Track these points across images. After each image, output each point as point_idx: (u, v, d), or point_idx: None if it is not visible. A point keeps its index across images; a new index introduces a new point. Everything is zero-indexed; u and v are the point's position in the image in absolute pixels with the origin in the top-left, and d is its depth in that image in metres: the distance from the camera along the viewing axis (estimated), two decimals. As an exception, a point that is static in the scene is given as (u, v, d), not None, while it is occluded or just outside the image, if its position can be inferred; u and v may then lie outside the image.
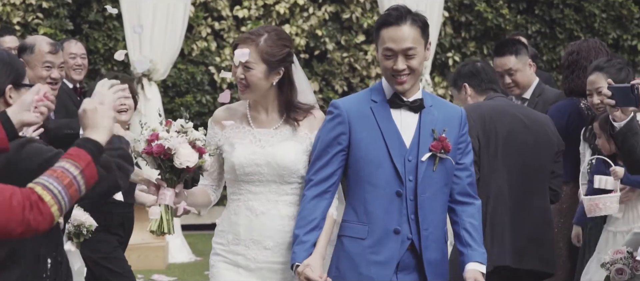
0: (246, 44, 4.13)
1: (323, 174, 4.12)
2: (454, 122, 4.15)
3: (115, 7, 10.99)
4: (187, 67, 11.64)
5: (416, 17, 4.04)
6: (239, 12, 11.79)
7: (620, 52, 12.14)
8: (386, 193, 4.06)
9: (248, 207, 4.18)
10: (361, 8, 11.99)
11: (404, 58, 4.01)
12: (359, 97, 4.21)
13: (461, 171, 4.18)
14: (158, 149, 3.95)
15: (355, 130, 4.09)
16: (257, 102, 4.24)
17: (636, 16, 12.30)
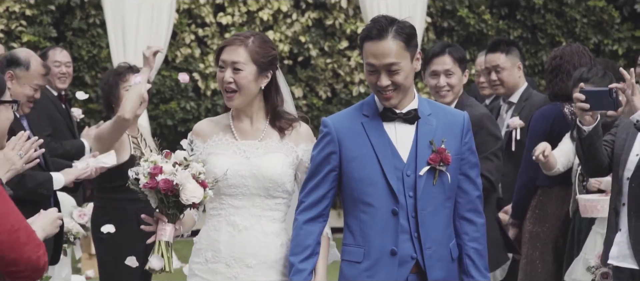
0: (234, 45, 3.99)
1: (315, 197, 3.91)
2: (456, 129, 3.90)
3: (99, 15, 11.02)
4: (171, 74, 11.65)
5: (400, 29, 3.80)
6: (222, 19, 11.82)
7: (601, 57, 12.22)
8: (381, 213, 3.83)
9: (230, 222, 3.97)
10: (344, 14, 12.04)
11: (387, 74, 3.79)
12: (349, 113, 3.98)
13: (468, 183, 3.94)
14: (166, 185, 3.71)
15: (346, 148, 3.87)
16: (240, 112, 4.06)
17: (617, 21, 12.40)
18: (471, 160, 3.93)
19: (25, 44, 11.04)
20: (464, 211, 3.93)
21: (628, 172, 4.40)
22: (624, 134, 4.48)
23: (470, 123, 3.96)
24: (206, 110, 11.82)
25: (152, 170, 3.73)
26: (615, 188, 4.47)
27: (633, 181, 4.36)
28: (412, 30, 3.83)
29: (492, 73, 6.58)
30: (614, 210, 4.45)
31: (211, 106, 11.83)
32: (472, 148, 3.94)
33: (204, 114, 11.80)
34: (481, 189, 3.98)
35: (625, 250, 4.41)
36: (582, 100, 4.31)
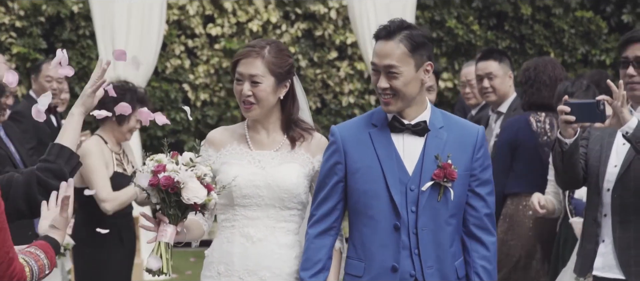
0: (251, 57, 3.87)
1: (324, 209, 3.81)
2: (467, 144, 3.76)
3: (89, 26, 11.04)
4: (161, 85, 11.67)
5: (409, 35, 3.69)
6: (212, 30, 11.86)
7: (589, 67, 12.29)
8: (383, 227, 3.72)
9: (243, 234, 3.87)
10: (333, 25, 12.08)
11: (386, 76, 3.70)
12: (358, 121, 3.87)
13: (477, 200, 3.80)
14: (166, 181, 3.64)
15: (351, 159, 3.77)
16: (257, 122, 3.96)
17: (604, 32, 12.46)
18: (482, 177, 3.80)
19: (15, 56, 11.06)
20: (473, 228, 3.80)
21: (608, 183, 4.41)
22: (597, 146, 4.50)
23: (484, 139, 3.83)
24: (196, 121, 11.84)
25: (155, 168, 3.67)
26: (594, 200, 4.48)
27: (615, 192, 4.38)
28: (423, 40, 3.72)
29: (485, 80, 6.58)
30: (593, 221, 4.46)
31: (201, 117, 11.86)
32: (484, 165, 3.80)
33: (194, 125, 11.82)
34: (493, 207, 3.84)
35: (611, 260, 4.42)
36: (567, 112, 4.27)
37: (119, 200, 5.75)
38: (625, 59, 4.42)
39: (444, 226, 3.73)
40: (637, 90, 4.39)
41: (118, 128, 5.94)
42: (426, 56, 3.72)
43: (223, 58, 11.87)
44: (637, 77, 4.38)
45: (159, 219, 3.74)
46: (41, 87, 7.77)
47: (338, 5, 11.95)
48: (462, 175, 3.72)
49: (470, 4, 12.35)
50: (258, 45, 3.91)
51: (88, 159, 5.72)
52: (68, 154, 3.50)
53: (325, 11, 11.98)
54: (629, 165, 4.35)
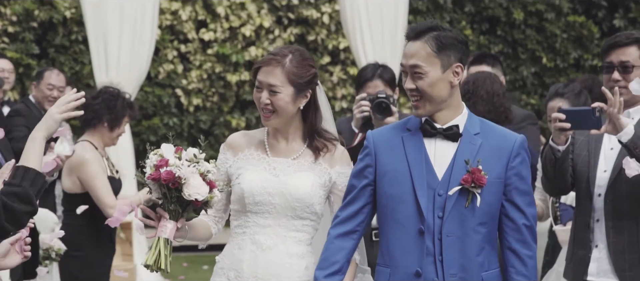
0: (271, 66, 3.78)
1: (349, 211, 3.73)
2: (502, 152, 3.64)
3: (81, 31, 11.04)
4: (153, 90, 11.67)
5: (437, 36, 3.61)
6: (204, 35, 11.86)
7: (581, 71, 12.32)
8: (408, 231, 3.63)
9: (254, 241, 3.79)
10: (326, 30, 12.10)
11: (411, 77, 3.63)
12: (394, 126, 3.80)
13: (514, 211, 3.67)
14: (167, 176, 3.56)
15: (381, 162, 3.69)
16: (277, 131, 3.88)
17: (596, 37, 12.50)
18: (519, 187, 3.66)
19: (7, 61, 11.05)
20: (510, 241, 3.67)
21: (599, 189, 4.41)
22: (584, 151, 4.50)
23: (523, 147, 3.69)
24: (189, 126, 11.85)
25: (158, 162, 3.59)
26: (585, 205, 4.47)
27: (607, 198, 4.38)
28: (452, 41, 3.63)
29: None
30: (585, 227, 4.46)
31: (194, 122, 11.86)
32: (522, 174, 3.67)
33: (187, 130, 11.82)
34: (532, 219, 3.69)
35: (606, 265, 4.41)
36: (562, 119, 4.25)
37: (126, 211, 5.76)
38: (609, 64, 4.42)
39: (471, 234, 3.61)
40: (623, 94, 4.40)
41: (109, 134, 5.97)
42: (455, 58, 3.62)
43: (216, 63, 11.87)
44: (622, 82, 4.38)
45: (159, 214, 3.67)
46: (42, 94, 7.78)
47: (331, 10, 11.97)
48: (493, 182, 3.60)
49: (462, 8, 12.38)
50: (280, 54, 3.81)
51: (88, 166, 5.75)
52: (33, 176, 3.39)
53: (317, 16, 12.00)
54: (620, 170, 4.35)
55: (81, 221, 5.82)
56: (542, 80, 12.45)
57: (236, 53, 11.83)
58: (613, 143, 4.40)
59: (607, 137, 4.42)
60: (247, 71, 11.89)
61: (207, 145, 12.40)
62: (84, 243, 5.79)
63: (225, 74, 11.87)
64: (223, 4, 11.84)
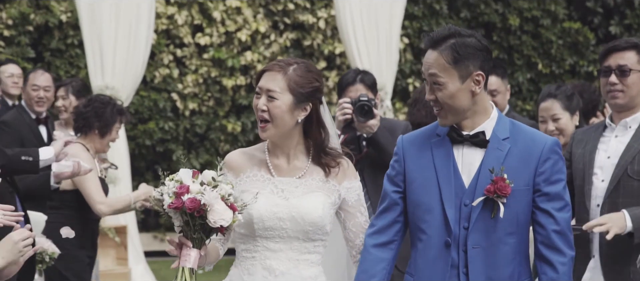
0: (273, 71, 3.65)
1: (385, 221, 3.60)
2: (531, 157, 3.48)
3: (77, 35, 11.03)
4: (149, 94, 11.66)
5: (454, 45, 3.46)
6: (200, 39, 11.86)
7: (577, 77, 12.34)
8: (435, 243, 3.49)
9: (265, 266, 3.63)
10: (322, 35, 12.10)
11: (431, 87, 3.49)
12: (425, 130, 3.65)
13: (544, 216, 3.50)
14: (192, 205, 3.39)
15: (410, 169, 3.56)
16: (276, 147, 3.71)
17: (592, 43, 12.51)
18: (549, 192, 3.49)
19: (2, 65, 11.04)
20: (541, 248, 3.51)
21: (597, 199, 4.42)
22: (580, 165, 4.51)
23: (553, 151, 3.52)
24: (185, 130, 11.84)
25: (178, 189, 3.43)
26: (583, 217, 4.48)
27: (603, 208, 4.38)
28: (469, 50, 3.47)
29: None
30: (585, 239, 4.46)
31: (189, 126, 11.85)
32: (551, 179, 3.50)
33: (183, 134, 11.82)
34: (564, 224, 3.52)
35: (599, 275, 4.42)
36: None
37: (114, 207, 5.97)
38: (607, 68, 4.45)
39: (499, 246, 3.46)
40: (619, 98, 4.42)
41: (100, 140, 6.11)
42: (475, 66, 3.47)
43: (212, 67, 11.87)
44: (619, 86, 4.41)
45: (180, 242, 3.51)
46: (28, 96, 7.76)
47: (327, 16, 11.97)
48: (521, 190, 3.45)
49: (458, 14, 12.39)
50: (285, 62, 3.70)
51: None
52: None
53: (314, 21, 12.00)
54: (618, 182, 4.35)
55: (63, 219, 5.91)
56: (538, 86, 12.46)
57: (232, 58, 11.82)
58: (610, 151, 4.41)
59: (603, 147, 4.44)
60: (242, 76, 11.89)
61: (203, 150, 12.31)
62: (68, 242, 5.83)
63: (221, 79, 11.87)
64: (219, 9, 11.84)
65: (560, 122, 5.50)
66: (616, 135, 4.45)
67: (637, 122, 4.44)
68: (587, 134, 4.56)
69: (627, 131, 4.43)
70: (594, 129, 4.56)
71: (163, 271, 10.03)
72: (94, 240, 6.20)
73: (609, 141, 4.45)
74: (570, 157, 4.55)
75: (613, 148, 4.41)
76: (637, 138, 4.39)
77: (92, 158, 6.03)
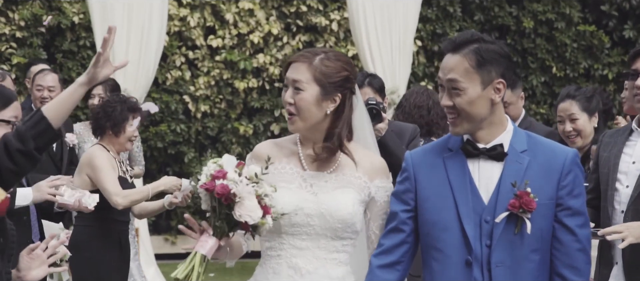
0: (299, 62, 3.48)
1: (393, 241, 3.43)
2: (553, 170, 3.33)
3: (89, 37, 11.01)
4: (161, 96, 11.64)
5: (478, 49, 3.31)
6: (213, 42, 11.83)
7: (591, 81, 12.27)
8: (453, 262, 3.32)
9: (291, 265, 3.48)
10: (335, 37, 12.05)
11: (448, 93, 3.33)
12: (435, 145, 3.49)
13: (565, 233, 3.33)
14: (222, 190, 3.30)
15: (422, 187, 3.40)
16: (307, 139, 3.55)
17: (606, 46, 12.44)
18: (572, 206, 3.34)
19: (15, 66, 11.03)
20: (559, 266, 3.35)
21: (622, 205, 4.35)
22: (605, 169, 4.45)
23: (575, 163, 3.38)
24: (196, 132, 11.80)
25: (215, 173, 3.33)
26: (607, 223, 4.41)
27: (627, 214, 4.32)
28: (494, 55, 3.32)
29: None
30: (607, 244, 4.39)
31: (201, 129, 11.82)
32: (575, 193, 3.35)
33: (195, 136, 11.78)
34: (585, 241, 3.36)
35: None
36: None
37: (131, 197, 5.91)
38: (634, 71, 4.40)
39: (524, 263, 3.31)
40: None
41: (116, 139, 6.13)
42: (497, 73, 3.32)
43: (224, 70, 11.84)
44: None
45: (202, 228, 3.41)
46: (34, 96, 7.74)
47: (340, 18, 11.92)
48: (545, 205, 3.30)
49: (472, 17, 12.33)
50: (312, 51, 3.53)
51: (95, 160, 5.93)
52: (42, 126, 3.39)
53: (326, 23, 11.96)
54: None
55: (88, 222, 5.94)
56: (552, 89, 12.39)
57: (244, 60, 11.79)
58: (635, 156, 4.34)
59: (629, 151, 4.37)
60: (255, 78, 11.85)
61: (215, 152, 12.29)
62: (91, 244, 5.89)
63: (233, 81, 11.83)
64: (231, 11, 11.81)
65: (577, 123, 5.47)
66: None
67: None
68: (614, 137, 4.49)
69: None
70: (621, 133, 4.49)
71: (165, 273, 10.02)
72: (123, 242, 6.11)
73: (634, 145, 4.38)
74: (598, 160, 4.49)
75: (638, 153, 4.35)
76: None
77: (113, 157, 6.07)
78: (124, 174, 6.10)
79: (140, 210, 6.27)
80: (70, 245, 5.68)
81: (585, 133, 5.40)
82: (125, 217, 6.14)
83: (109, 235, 5.96)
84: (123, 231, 6.13)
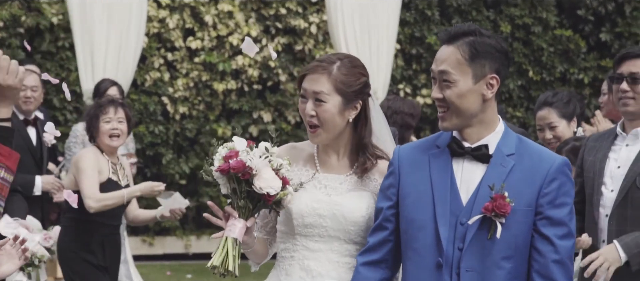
0: (317, 73, 3.43)
1: (376, 239, 3.34)
2: (536, 176, 3.20)
3: (68, 38, 11.00)
4: (140, 98, 11.64)
5: (472, 41, 3.20)
6: (192, 43, 11.84)
7: (567, 85, 12.36)
8: (426, 263, 3.22)
9: (303, 267, 3.45)
10: (314, 40, 12.09)
11: (439, 85, 3.23)
12: (423, 142, 3.39)
13: (543, 243, 3.19)
14: (237, 164, 3.26)
15: (404, 183, 3.29)
16: (327, 146, 3.52)
17: (583, 51, 12.53)
18: (551, 216, 3.19)
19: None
20: (535, 277, 3.21)
21: (606, 209, 4.38)
22: (590, 174, 4.49)
23: (561, 171, 3.24)
24: (175, 134, 11.81)
25: (227, 154, 3.32)
26: (593, 227, 4.44)
27: (612, 219, 4.35)
28: (489, 49, 3.22)
29: None
30: (594, 249, 4.42)
31: (180, 130, 11.83)
32: (556, 202, 3.20)
33: (173, 138, 11.79)
34: (565, 253, 3.21)
35: None
36: None
37: (104, 202, 5.89)
38: (619, 75, 4.42)
39: (494, 270, 3.18)
40: (630, 105, 4.40)
41: (100, 142, 6.13)
42: (490, 68, 3.22)
43: (202, 71, 11.85)
44: (630, 93, 4.38)
45: (227, 213, 3.36)
46: None
47: (318, 20, 11.96)
48: (522, 211, 3.18)
49: (450, 21, 12.41)
50: (327, 60, 3.46)
51: (80, 162, 5.95)
52: None
53: (305, 26, 12.00)
54: (627, 193, 4.31)
55: (69, 223, 5.97)
56: (529, 93, 12.48)
57: (223, 62, 11.81)
58: (620, 161, 4.38)
59: (614, 156, 4.41)
60: (233, 80, 11.87)
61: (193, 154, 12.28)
62: (71, 245, 5.91)
63: (212, 83, 11.85)
64: (211, 13, 11.83)
65: (557, 130, 5.50)
66: (627, 144, 4.41)
67: None
68: (599, 141, 4.51)
69: (638, 140, 4.39)
70: (606, 137, 4.51)
71: (152, 276, 10.01)
72: (107, 245, 6.07)
73: (619, 150, 4.41)
74: (582, 164, 4.52)
75: (624, 157, 4.38)
76: None
77: (107, 160, 6.06)
78: (119, 179, 6.08)
79: (133, 218, 6.30)
80: (58, 244, 5.78)
81: (565, 139, 5.43)
82: (112, 221, 6.07)
83: (91, 237, 5.96)
84: (109, 234, 6.09)
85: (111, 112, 6.08)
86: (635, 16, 12.51)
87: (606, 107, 6.26)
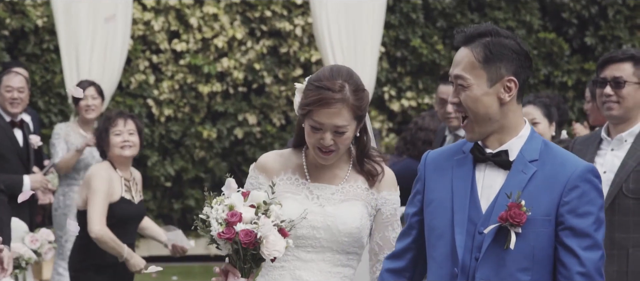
0: (335, 107, 3.32)
1: (401, 245, 3.25)
2: (556, 184, 3.01)
3: (53, 40, 10.98)
4: (125, 100, 11.63)
5: (488, 43, 3.05)
6: (177, 46, 11.84)
7: (551, 88, 12.42)
8: (443, 273, 3.09)
9: (294, 277, 3.41)
10: (299, 42, 12.12)
11: (455, 89, 3.09)
12: (451, 147, 3.23)
13: (567, 255, 2.99)
14: (247, 238, 3.15)
15: (429, 189, 3.16)
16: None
17: (566, 54, 12.60)
18: (574, 226, 3.00)
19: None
20: None
21: None
22: None
23: (583, 178, 3.03)
24: (160, 136, 11.81)
25: (229, 218, 3.17)
26: None
27: None
28: (504, 50, 3.05)
29: (449, 105, 6.55)
30: None
31: (165, 132, 11.83)
32: (578, 211, 3.00)
33: (158, 140, 11.79)
34: (591, 266, 2.99)
35: None
36: None
37: (106, 236, 5.65)
38: (603, 79, 4.43)
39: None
40: (614, 110, 4.41)
41: (113, 155, 5.93)
42: (507, 70, 3.05)
43: (188, 74, 11.86)
44: (613, 97, 4.39)
45: (226, 269, 3.29)
46: (2, 97, 7.70)
47: (303, 23, 11.99)
48: (540, 221, 3.00)
49: (434, 23, 12.45)
50: (339, 89, 3.33)
51: (92, 181, 5.72)
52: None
53: (290, 28, 12.02)
54: (614, 200, 4.32)
55: (83, 241, 5.79)
56: (513, 96, 12.53)
57: (208, 64, 11.82)
58: (606, 166, 4.39)
59: (600, 161, 4.41)
60: (219, 82, 11.88)
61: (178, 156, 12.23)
62: (86, 262, 5.80)
63: (197, 85, 11.86)
64: (196, 15, 11.84)
65: (539, 127, 5.53)
66: (612, 148, 4.42)
67: (633, 136, 4.40)
68: (585, 145, 4.53)
69: (623, 145, 4.40)
70: (592, 141, 4.52)
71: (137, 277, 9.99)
72: (119, 267, 5.86)
73: (605, 155, 4.42)
74: None
75: (609, 162, 4.39)
76: (631, 155, 4.35)
77: (120, 177, 5.87)
78: (132, 197, 5.89)
79: (143, 228, 6.15)
80: (69, 263, 5.78)
81: (544, 138, 5.49)
82: (126, 239, 5.83)
83: (102, 259, 5.77)
84: (118, 265, 5.86)
85: (121, 124, 5.88)
86: (618, 19, 12.59)
87: (592, 115, 6.26)
